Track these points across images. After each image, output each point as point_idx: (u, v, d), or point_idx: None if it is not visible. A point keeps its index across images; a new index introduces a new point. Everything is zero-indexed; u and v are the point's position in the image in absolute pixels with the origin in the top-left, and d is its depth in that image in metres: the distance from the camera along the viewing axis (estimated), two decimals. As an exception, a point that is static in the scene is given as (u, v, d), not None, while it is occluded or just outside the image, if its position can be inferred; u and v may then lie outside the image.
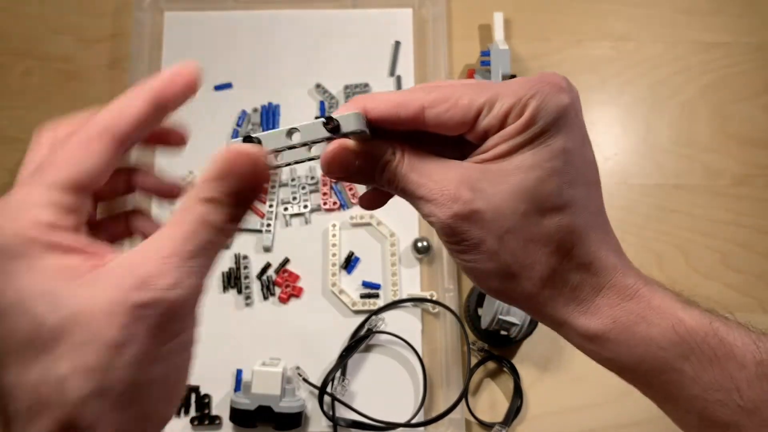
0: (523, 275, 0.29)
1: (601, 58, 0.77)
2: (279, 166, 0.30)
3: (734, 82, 0.76)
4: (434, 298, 0.68)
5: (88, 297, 0.22)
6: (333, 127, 0.28)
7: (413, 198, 0.30)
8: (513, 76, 0.72)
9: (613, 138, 0.75)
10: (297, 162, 0.30)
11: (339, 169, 0.30)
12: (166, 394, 0.25)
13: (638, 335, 0.28)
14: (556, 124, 0.28)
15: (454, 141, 0.30)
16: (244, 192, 0.25)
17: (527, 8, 0.79)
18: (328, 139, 0.29)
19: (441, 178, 0.29)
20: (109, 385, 0.22)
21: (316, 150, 0.30)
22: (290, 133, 0.28)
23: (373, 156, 0.30)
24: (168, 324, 0.23)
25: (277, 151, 0.28)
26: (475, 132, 0.29)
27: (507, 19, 0.77)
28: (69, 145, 0.25)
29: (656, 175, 0.74)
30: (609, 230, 0.31)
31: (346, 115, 0.28)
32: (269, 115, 0.75)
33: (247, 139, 0.27)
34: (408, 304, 0.68)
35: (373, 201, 0.34)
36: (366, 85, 0.75)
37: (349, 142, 0.30)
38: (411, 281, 0.69)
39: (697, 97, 0.76)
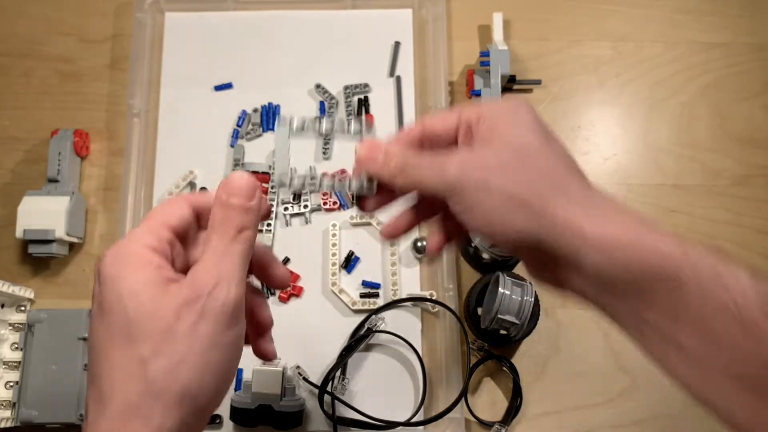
0: (533, 194, 0.33)
1: (601, 58, 0.77)
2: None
3: (734, 82, 0.76)
4: (434, 298, 0.68)
5: (164, 300, 0.30)
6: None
7: (419, 184, 0.36)
8: (513, 77, 0.73)
9: (613, 138, 0.75)
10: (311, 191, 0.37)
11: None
12: (218, 377, 0.31)
13: (648, 243, 0.31)
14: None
15: None
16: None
17: (527, 8, 0.79)
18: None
19: (434, 158, 0.36)
20: (177, 362, 0.30)
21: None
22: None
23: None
24: (221, 319, 0.31)
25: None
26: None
27: (506, 20, 0.77)
28: (167, 204, 0.35)
29: (656, 175, 0.74)
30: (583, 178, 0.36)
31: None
32: (269, 115, 0.75)
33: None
34: (408, 303, 0.68)
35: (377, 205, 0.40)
36: (366, 85, 0.75)
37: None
38: (411, 281, 0.70)
39: (697, 97, 0.76)
